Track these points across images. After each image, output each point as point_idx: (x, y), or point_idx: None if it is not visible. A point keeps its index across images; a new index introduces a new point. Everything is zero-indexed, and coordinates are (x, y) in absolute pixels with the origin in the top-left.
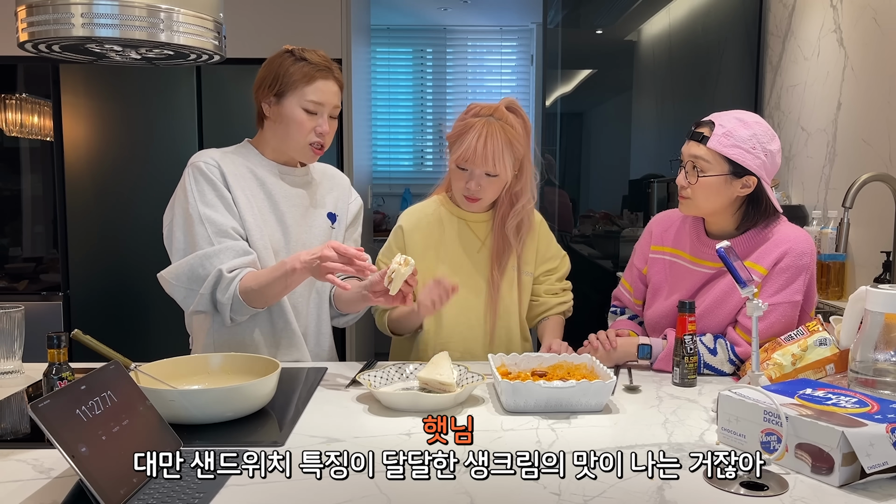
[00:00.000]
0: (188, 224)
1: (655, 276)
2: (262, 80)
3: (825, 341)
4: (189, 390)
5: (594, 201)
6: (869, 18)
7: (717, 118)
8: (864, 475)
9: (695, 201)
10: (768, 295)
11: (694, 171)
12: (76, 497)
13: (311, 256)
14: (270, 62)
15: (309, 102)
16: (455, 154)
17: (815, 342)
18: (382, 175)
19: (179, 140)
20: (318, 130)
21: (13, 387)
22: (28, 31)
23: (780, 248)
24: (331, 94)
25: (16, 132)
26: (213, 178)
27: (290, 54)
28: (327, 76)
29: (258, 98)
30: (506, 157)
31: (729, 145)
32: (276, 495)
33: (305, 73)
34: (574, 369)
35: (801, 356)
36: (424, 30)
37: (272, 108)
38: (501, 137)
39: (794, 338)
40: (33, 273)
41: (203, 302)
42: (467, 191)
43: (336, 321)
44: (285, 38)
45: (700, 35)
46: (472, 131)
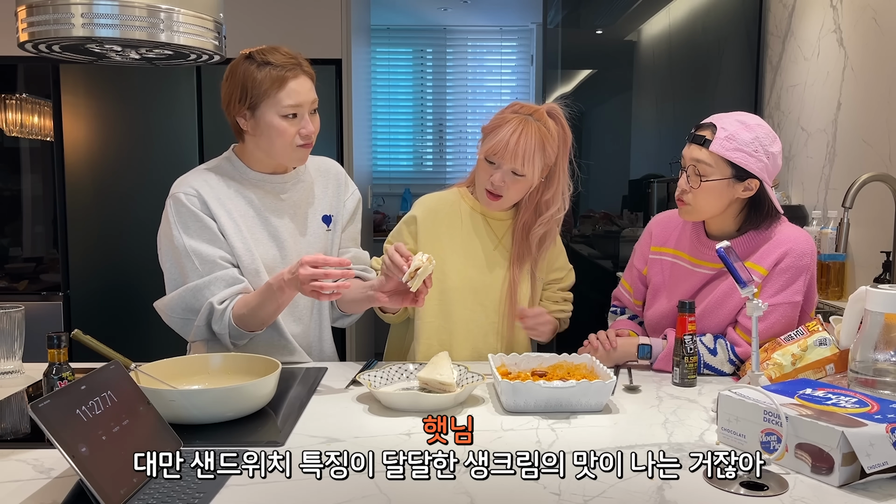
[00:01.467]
0: (176, 257)
1: (655, 276)
2: (229, 96)
3: (825, 341)
4: (189, 390)
5: (594, 201)
6: (869, 18)
7: (719, 121)
8: (864, 475)
9: (695, 206)
10: (768, 295)
11: (696, 175)
12: (76, 497)
13: (290, 275)
14: (233, 73)
15: (286, 108)
16: (486, 146)
17: (815, 342)
18: (382, 175)
19: (179, 140)
20: (302, 133)
21: (13, 387)
22: (28, 32)
23: (781, 248)
24: (306, 91)
25: (16, 132)
26: (193, 209)
27: (251, 60)
28: (297, 73)
29: (230, 114)
30: (536, 158)
31: (731, 149)
32: (276, 495)
33: (275, 78)
34: (574, 369)
35: (801, 356)
36: (424, 30)
37: (249, 122)
38: (535, 138)
39: (793, 338)
40: (33, 273)
41: (200, 332)
42: (490, 185)
43: (338, 322)
44: (285, 38)
45: (700, 35)
46: (507, 126)
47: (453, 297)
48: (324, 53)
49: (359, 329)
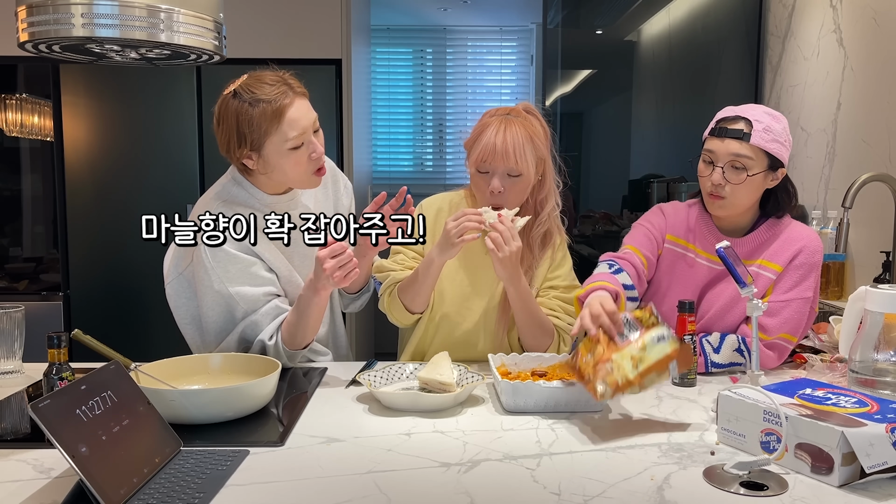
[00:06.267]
0: (219, 301)
1: (664, 265)
2: (227, 142)
3: (664, 337)
4: (189, 390)
5: (594, 201)
6: (869, 18)
7: (749, 113)
8: (864, 475)
9: (733, 200)
10: (782, 291)
11: (736, 170)
12: (76, 497)
13: (315, 278)
14: (224, 117)
15: (292, 140)
16: (473, 156)
17: (654, 339)
18: (382, 175)
19: (179, 140)
20: (313, 157)
21: (13, 387)
22: (28, 32)
23: (796, 245)
24: (304, 113)
25: (16, 132)
26: (229, 250)
27: (239, 99)
28: (292, 99)
29: (234, 159)
30: (527, 152)
31: (769, 140)
32: (277, 495)
33: (272, 113)
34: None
35: (642, 357)
36: (424, 30)
37: (258, 163)
38: (520, 133)
39: (626, 336)
40: (33, 273)
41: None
42: (491, 195)
43: (350, 306)
44: (285, 38)
45: (700, 35)
46: (488, 130)
47: (450, 298)
48: (324, 53)
49: (359, 329)
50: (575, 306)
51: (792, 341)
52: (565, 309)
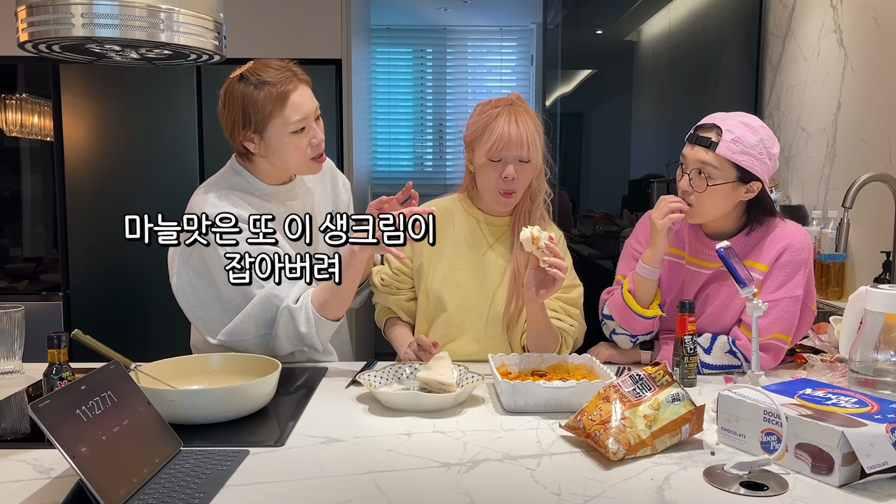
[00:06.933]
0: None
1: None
2: (231, 123)
3: (679, 396)
4: (189, 390)
5: (594, 201)
6: (869, 18)
7: (722, 122)
8: (864, 475)
9: (699, 208)
10: (770, 291)
11: (701, 178)
12: (76, 497)
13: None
14: (230, 99)
15: (295, 124)
16: (485, 147)
17: (668, 398)
18: (382, 175)
19: (179, 140)
20: (313, 143)
21: (13, 387)
22: (28, 32)
23: (780, 244)
24: (307, 100)
25: (16, 132)
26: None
27: (245, 82)
28: (296, 85)
29: (235, 140)
30: (537, 141)
31: (738, 151)
32: (276, 495)
33: (276, 96)
34: (574, 369)
35: (655, 417)
36: (424, 30)
37: (259, 145)
38: (530, 121)
39: (640, 394)
40: (33, 273)
41: (282, 344)
42: (504, 181)
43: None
44: (285, 38)
45: (700, 35)
46: (497, 120)
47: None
48: (324, 53)
49: (359, 329)
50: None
51: (786, 341)
52: (566, 310)
